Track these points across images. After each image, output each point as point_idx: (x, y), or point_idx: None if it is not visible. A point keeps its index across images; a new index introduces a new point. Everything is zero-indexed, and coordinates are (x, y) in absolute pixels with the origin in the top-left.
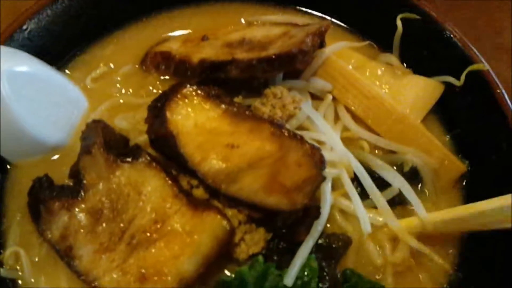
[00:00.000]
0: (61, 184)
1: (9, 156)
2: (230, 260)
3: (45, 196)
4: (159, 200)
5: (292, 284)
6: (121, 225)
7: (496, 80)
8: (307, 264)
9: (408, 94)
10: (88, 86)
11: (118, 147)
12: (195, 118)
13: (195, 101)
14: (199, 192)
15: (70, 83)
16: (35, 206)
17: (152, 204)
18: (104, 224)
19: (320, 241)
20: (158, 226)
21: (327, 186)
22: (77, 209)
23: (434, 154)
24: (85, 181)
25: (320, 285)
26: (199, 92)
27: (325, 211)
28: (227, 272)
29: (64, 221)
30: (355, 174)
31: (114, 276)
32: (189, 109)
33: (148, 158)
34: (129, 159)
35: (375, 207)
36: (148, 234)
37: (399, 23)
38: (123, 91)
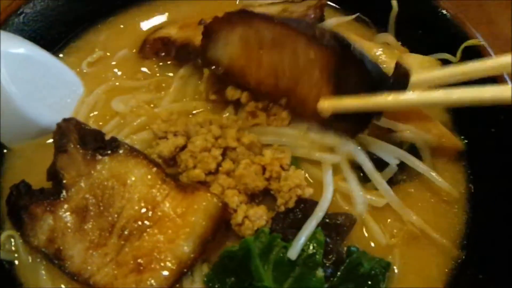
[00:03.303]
0: (40, 188)
1: (5, 140)
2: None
3: (25, 202)
4: (146, 188)
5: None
6: (110, 218)
7: (492, 54)
8: (313, 236)
9: None
10: (84, 71)
11: (94, 142)
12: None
13: None
14: (194, 173)
15: (66, 67)
16: (16, 214)
17: (139, 193)
18: (91, 221)
19: (325, 220)
20: (149, 213)
21: (328, 171)
22: (61, 210)
23: (432, 132)
24: (65, 181)
25: (325, 261)
26: None
27: (328, 193)
28: None
29: (49, 224)
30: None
31: (109, 270)
32: None
33: (128, 147)
34: (108, 152)
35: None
36: (140, 223)
37: (394, 2)
38: (119, 74)
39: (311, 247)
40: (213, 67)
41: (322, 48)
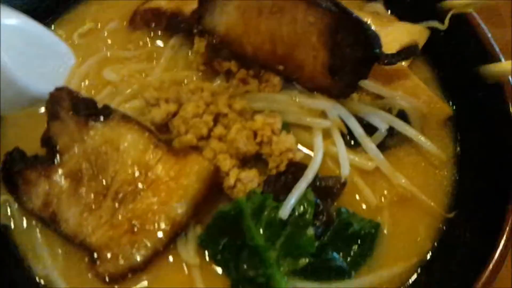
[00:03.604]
0: (34, 155)
1: None
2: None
3: (19, 168)
4: (138, 153)
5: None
6: (104, 183)
7: (480, 22)
8: (304, 197)
9: (394, 40)
10: (76, 42)
11: (87, 109)
12: None
13: None
14: (186, 138)
15: (58, 38)
16: (11, 180)
17: (133, 158)
18: (86, 185)
19: (315, 183)
20: (142, 177)
21: (318, 135)
22: (55, 175)
23: (421, 98)
24: (58, 147)
25: (316, 221)
26: None
27: (318, 156)
28: None
29: (44, 188)
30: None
31: (104, 231)
32: None
33: (120, 114)
34: (100, 118)
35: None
36: (134, 186)
37: None
38: (110, 45)
39: (301, 208)
40: (209, 36)
41: (321, 11)
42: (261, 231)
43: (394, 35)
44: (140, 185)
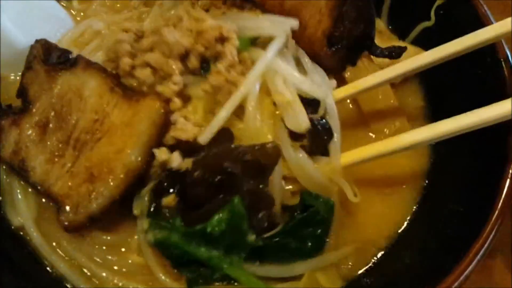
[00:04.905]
0: (8, 104)
1: None
2: None
3: None
4: (97, 99)
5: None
6: (67, 131)
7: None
8: (232, 210)
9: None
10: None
11: (57, 59)
12: None
13: None
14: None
15: (57, 3)
16: None
17: (92, 105)
18: (52, 133)
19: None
20: (99, 124)
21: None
22: (25, 124)
23: None
24: (29, 96)
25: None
26: None
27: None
28: None
29: (15, 137)
30: None
31: (66, 180)
32: None
33: (85, 61)
34: (68, 66)
35: None
36: (92, 134)
37: None
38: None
39: (232, 222)
40: None
41: None
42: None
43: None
44: (97, 133)
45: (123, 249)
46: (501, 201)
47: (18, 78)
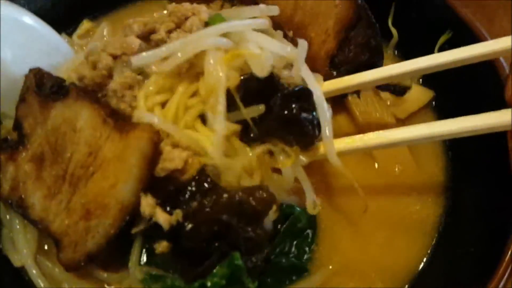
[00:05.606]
0: (4, 137)
1: None
2: None
3: None
4: (91, 132)
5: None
6: (63, 165)
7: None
8: (232, 264)
9: (417, 99)
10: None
11: (50, 88)
12: None
13: None
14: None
15: (58, 36)
16: None
17: (86, 138)
18: (48, 168)
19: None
20: (93, 158)
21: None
22: (21, 159)
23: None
24: (24, 129)
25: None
26: None
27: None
28: None
29: (11, 173)
30: None
31: (63, 218)
32: None
33: (76, 90)
34: (60, 97)
35: None
36: (86, 169)
37: (394, 31)
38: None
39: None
40: None
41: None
42: None
43: (414, 96)
44: (91, 168)
45: None
46: None
47: None
